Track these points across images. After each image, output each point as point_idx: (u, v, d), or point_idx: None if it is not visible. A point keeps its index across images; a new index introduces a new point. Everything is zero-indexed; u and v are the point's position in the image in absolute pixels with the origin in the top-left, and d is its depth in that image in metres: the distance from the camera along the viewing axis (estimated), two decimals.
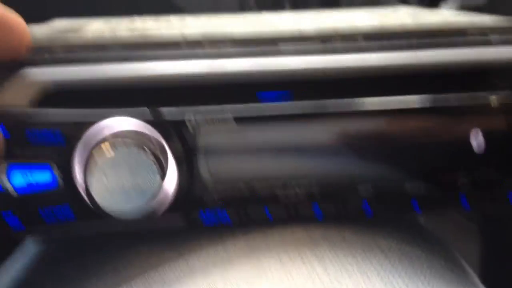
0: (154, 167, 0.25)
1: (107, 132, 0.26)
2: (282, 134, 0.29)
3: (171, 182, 0.27)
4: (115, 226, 0.28)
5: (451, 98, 0.29)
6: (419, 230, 0.33)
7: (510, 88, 0.30)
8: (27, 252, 0.35)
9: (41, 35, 0.34)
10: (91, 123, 0.26)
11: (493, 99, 0.30)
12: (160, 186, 0.26)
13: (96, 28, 0.37)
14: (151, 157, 0.25)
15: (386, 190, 0.30)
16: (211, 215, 0.29)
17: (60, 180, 0.27)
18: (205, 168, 0.28)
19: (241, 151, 0.29)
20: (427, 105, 0.29)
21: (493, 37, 0.31)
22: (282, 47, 0.29)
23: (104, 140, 0.25)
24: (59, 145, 0.26)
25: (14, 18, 0.25)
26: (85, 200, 0.26)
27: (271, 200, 0.29)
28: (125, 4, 0.63)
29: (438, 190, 0.30)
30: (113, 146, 0.25)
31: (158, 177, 0.25)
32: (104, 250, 0.33)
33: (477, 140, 0.30)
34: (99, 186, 0.25)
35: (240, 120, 0.28)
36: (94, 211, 0.26)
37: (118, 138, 0.25)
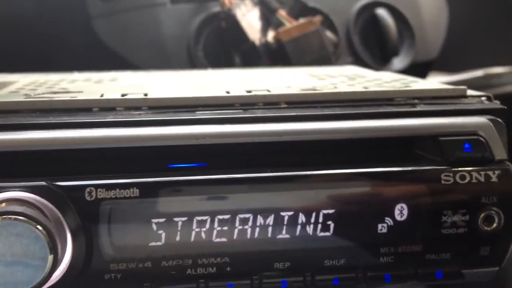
0: (46, 245, 0.24)
1: None
2: (192, 209, 0.27)
3: (67, 258, 0.26)
4: None
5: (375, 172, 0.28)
6: None
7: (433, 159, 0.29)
8: None
9: None
10: None
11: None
12: (50, 265, 0.24)
13: (17, 86, 0.36)
14: (44, 235, 0.24)
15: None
16: None
17: None
18: (108, 243, 0.27)
19: (147, 225, 0.27)
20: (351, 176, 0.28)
21: (419, 106, 0.30)
22: (199, 114, 0.29)
23: None
24: None
25: None
26: None
27: (180, 278, 0.28)
28: (76, 59, 0.64)
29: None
30: (4, 223, 0.24)
31: (49, 255, 0.24)
32: None
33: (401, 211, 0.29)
34: None
35: (146, 193, 0.27)
36: None
37: (9, 215, 0.24)
